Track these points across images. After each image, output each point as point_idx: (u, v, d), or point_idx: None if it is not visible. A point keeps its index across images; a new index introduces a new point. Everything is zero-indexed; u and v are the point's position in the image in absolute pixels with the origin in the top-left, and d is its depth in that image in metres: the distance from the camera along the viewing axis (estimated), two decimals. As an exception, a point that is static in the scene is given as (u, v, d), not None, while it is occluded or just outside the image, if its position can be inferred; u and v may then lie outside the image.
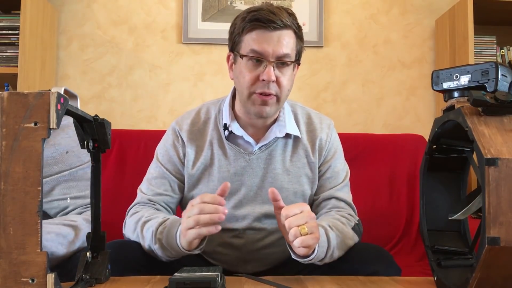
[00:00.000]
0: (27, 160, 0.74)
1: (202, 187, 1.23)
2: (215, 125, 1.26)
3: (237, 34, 1.17)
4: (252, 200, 1.22)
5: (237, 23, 1.17)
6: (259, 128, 1.24)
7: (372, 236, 1.79)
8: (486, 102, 0.81)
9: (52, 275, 0.74)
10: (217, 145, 1.24)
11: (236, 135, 1.23)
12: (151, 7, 2.54)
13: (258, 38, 1.12)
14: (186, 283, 0.83)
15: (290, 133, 1.24)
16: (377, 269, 1.08)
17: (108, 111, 2.48)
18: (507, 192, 0.74)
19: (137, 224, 1.14)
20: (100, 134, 0.95)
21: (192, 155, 1.24)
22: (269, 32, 1.12)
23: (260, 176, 1.23)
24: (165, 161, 1.26)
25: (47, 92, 0.76)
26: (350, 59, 2.59)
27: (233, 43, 1.19)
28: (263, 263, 1.25)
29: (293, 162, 1.25)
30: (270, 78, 1.12)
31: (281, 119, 1.24)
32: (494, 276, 0.78)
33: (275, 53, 1.12)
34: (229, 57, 1.23)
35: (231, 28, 1.20)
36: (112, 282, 0.96)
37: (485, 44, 2.42)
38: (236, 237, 1.23)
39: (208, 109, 1.29)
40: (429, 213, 1.01)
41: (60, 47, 2.51)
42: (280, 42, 1.12)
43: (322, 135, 1.27)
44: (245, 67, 1.15)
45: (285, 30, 1.14)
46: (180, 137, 1.26)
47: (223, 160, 1.23)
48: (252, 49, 1.13)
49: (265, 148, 1.24)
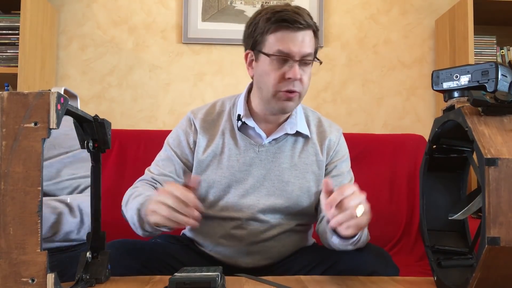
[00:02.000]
0: (27, 160, 0.74)
1: (210, 173, 1.26)
2: (229, 116, 1.31)
3: (259, 33, 1.20)
4: (257, 191, 1.25)
5: (259, 22, 1.20)
6: (272, 124, 1.29)
7: (372, 236, 1.78)
8: (486, 102, 0.81)
9: (52, 275, 0.74)
10: (229, 135, 1.28)
11: (248, 127, 1.27)
12: (151, 7, 2.54)
13: (284, 38, 1.17)
14: (186, 283, 0.83)
15: (301, 131, 1.27)
16: (376, 269, 1.08)
17: (108, 111, 2.48)
18: (507, 192, 0.74)
19: (130, 197, 1.17)
20: (100, 134, 0.95)
21: (204, 142, 1.28)
22: (294, 33, 1.16)
23: (267, 168, 1.26)
24: (175, 145, 1.30)
25: (47, 92, 0.75)
26: (350, 59, 2.59)
27: (254, 41, 1.22)
28: (263, 256, 1.26)
29: (302, 158, 1.28)
30: (297, 77, 1.16)
31: (293, 117, 1.28)
32: (494, 276, 0.78)
33: (300, 53, 1.17)
34: (247, 55, 1.26)
35: (251, 27, 1.23)
36: (112, 282, 0.96)
37: (485, 44, 2.42)
38: (238, 228, 1.24)
39: (223, 103, 1.35)
40: (429, 213, 1.01)
41: (60, 47, 2.51)
42: (304, 42, 1.17)
43: (332, 136, 1.32)
44: (271, 66, 1.18)
45: (308, 30, 1.18)
46: (193, 125, 1.30)
47: (234, 150, 1.27)
48: (279, 50, 1.17)
49: (275, 143, 1.27)
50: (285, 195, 1.24)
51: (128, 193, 1.20)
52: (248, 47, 1.25)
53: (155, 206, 0.99)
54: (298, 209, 1.26)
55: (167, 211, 0.96)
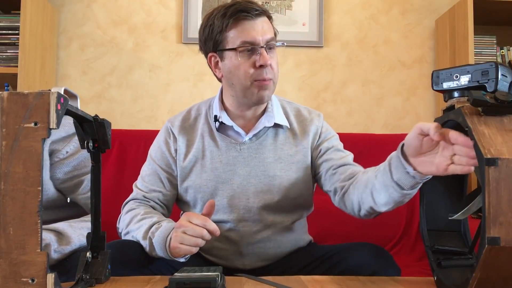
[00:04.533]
0: (27, 160, 0.74)
1: (195, 178, 1.26)
2: (206, 119, 1.30)
3: (218, 32, 1.20)
4: (245, 190, 1.24)
5: (215, 22, 1.20)
6: (249, 119, 1.28)
7: (372, 236, 1.79)
8: (486, 102, 0.81)
9: (52, 275, 0.74)
10: (208, 137, 1.28)
11: (226, 127, 1.27)
12: (151, 7, 2.54)
13: (245, 28, 1.18)
14: (186, 283, 0.83)
15: (279, 123, 1.26)
16: (377, 269, 1.08)
17: (108, 111, 2.48)
18: (507, 192, 0.74)
19: (133, 219, 1.17)
20: (100, 134, 0.95)
21: (184, 148, 1.28)
22: (253, 21, 1.18)
23: (252, 165, 1.25)
24: (158, 158, 1.29)
25: (47, 92, 0.75)
26: (350, 59, 2.59)
27: (214, 43, 1.22)
28: (260, 258, 1.26)
29: (285, 150, 1.27)
30: (267, 62, 1.17)
31: (269, 110, 1.27)
32: (494, 276, 0.78)
33: (264, 38, 1.18)
34: (211, 58, 1.26)
35: (207, 29, 1.23)
36: (112, 282, 0.96)
37: (485, 44, 2.42)
38: (232, 230, 1.24)
39: (199, 107, 1.35)
40: (429, 213, 1.01)
41: (60, 47, 2.51)
42: (264, 27, 1.19)
43: (313, 123, 1.30)
44: (239, 59, 1.18)
45: (264, 17, 1.20)
46: (172, 133, 1.30)
47: (215, 151, 1.26)
48: (243, 41, 1.17)
49: (255, 138, 1.26)
50: (274, 190, 1.23)
51: (129, 216, 1.20)
52: (210, 50, 1.24)
53: (178, 239, 1.03)
54: (289, 202, 1.25)
55: (191, 240, 1.01)
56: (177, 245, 1.03)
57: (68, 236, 1.13)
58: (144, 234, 1.11)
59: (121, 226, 1.22)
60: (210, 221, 1.02)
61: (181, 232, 1.02)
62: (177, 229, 1.03)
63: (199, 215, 1.04)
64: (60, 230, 1.13)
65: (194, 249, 1.03)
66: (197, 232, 1.01)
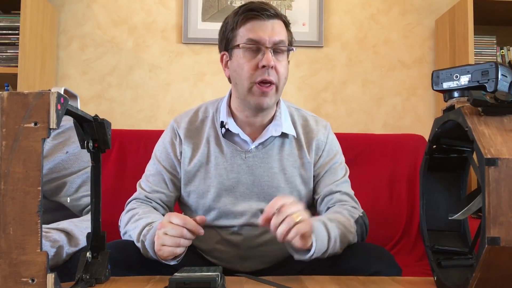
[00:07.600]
0: (27, 160, 0.74)
1: (198, 183, 1.25)
2: (213, 123, 1.28)
3: (230, 30, 1.20)
4: (248, 197, 1.23)
5: (229, 21, 1.22)
6: (256, 127, 1.26)
7: (372, 236, 1.78)
8: (486, 102, 0.81)
9: (52, 275, 0.74)
10: (214, 142, 1.26)
11: (232, 133, 1.25)
12: (151, 7, 2.54)
13: (253, 27, 1.17)
14: (186, 283, 0.83)
15: (286, 132, 1.25)
16: (378, 269, 1.08)
17: (108, 111, 2.48)
18: (507, 192, 0.74)
19: (130, 220, 1.17)
20: (100, 134, 0.95)
21: (189, 152, 1.26)
22: (263, 21, 1.17)
23: (256, 174, 1.24)
24: (163, 158, 1.28)
25: (47, 92, 0.75)
26: (350, 59, 2.59)
27: (226, 41, 1.22)
28: (261, 261, 1.25)
29: (289, 161, 1.26)
30: (270, 63, 1.15)
31: (277, 118, 1.26)
32: (494, 276, 0.78)
33: (271, 39, 1.16)
34: (222, 57, 1.26)
35: (222, 28, 1.24)
36: (112, 282, 0.96)
37: (485, 44, 2.42)
38: (234, 234, 1.24)
39: (206, 108, 1.32)
40: (429, 213, 1.01)
41: (60, 47, 2.51)
42: (274, 29, 1.17)
43: (319, 136, 1.29)
44: (243, 57, 1.18)
45: (277, 20, 1.19)
46: (178, 135, 1.28)
47: (220, 158, 1.24)
48: (249, 38, 1.17)
49: (262, 147, 1.25)
50: None
51: (128, 216, 1.20)
52: (222, 48, 1.24)
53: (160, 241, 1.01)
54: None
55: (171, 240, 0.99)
56: (160, 247, 1.01)
57: (77, 237, 1.13)
58: (137, 236, 1.10)
59: (121, 226, 1.22)
60: (190, 220, 0.99)
61: (162, 234, 1.00)
62: (158, 231, 1.01)
63: (179, 214, 1.01)
64: (68, 231, 1.13)
65: (178, 249, 1.00)
66: (177, 232, 0.98)
